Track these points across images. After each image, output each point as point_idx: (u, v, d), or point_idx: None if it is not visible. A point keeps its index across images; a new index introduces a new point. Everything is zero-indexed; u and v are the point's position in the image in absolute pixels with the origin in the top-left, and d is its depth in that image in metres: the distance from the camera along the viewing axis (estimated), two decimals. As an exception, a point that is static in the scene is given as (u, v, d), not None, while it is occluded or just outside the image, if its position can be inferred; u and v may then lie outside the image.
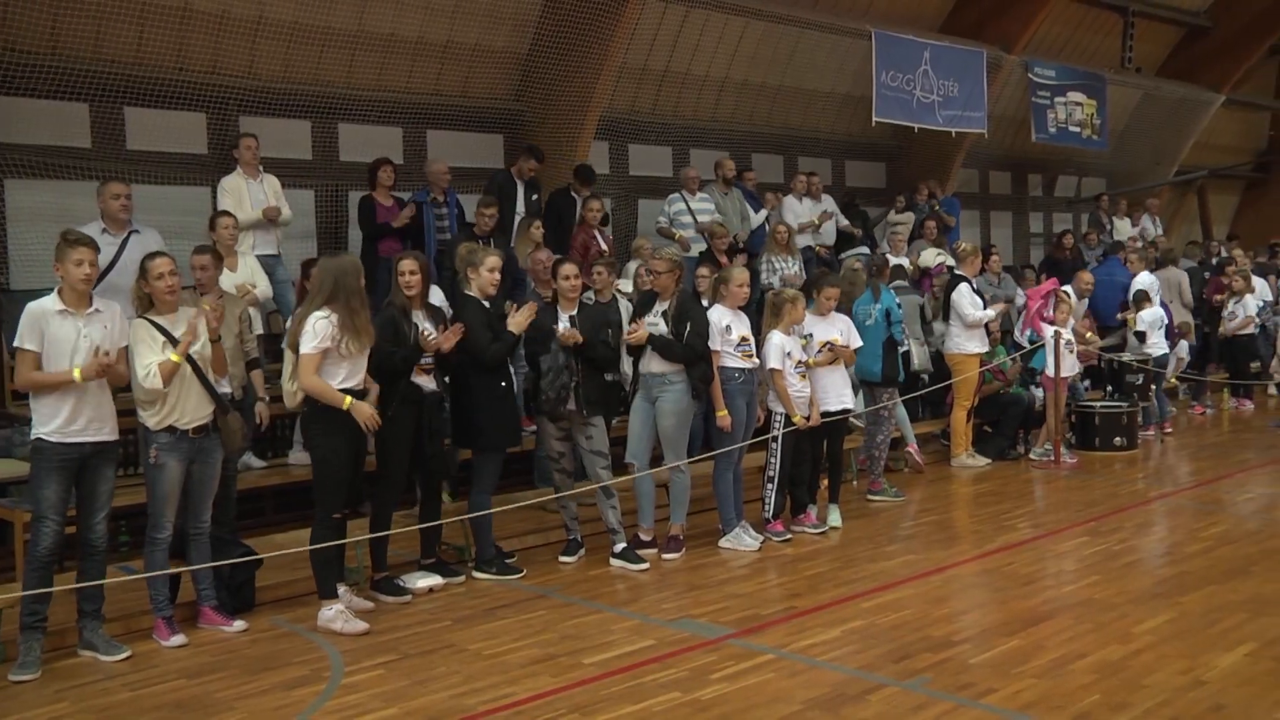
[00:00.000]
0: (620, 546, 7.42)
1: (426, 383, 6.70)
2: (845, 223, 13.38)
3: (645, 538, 7.69)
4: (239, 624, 6.19)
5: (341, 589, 6.37)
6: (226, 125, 9.86)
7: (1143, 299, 13.15)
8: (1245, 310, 13.90)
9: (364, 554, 6.87)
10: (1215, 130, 21.13)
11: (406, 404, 6.57)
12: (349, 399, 6.04)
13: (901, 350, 9.49)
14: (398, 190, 10.15)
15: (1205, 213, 22.72)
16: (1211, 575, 6.86)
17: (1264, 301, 15.09)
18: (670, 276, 7.54)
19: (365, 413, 6.08)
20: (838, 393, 8.30)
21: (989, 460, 10.86)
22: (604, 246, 10.54)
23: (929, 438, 11.78)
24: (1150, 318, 12.98)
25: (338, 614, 6.14)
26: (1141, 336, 13.12)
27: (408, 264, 6.74)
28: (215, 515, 6.25)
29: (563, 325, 7.31)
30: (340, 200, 10.75)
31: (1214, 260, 15.73)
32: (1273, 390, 14.61)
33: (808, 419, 8.01)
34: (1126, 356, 12.42)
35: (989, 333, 10.93)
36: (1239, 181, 24.16)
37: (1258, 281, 15.14)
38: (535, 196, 10.83)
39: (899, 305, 9.53)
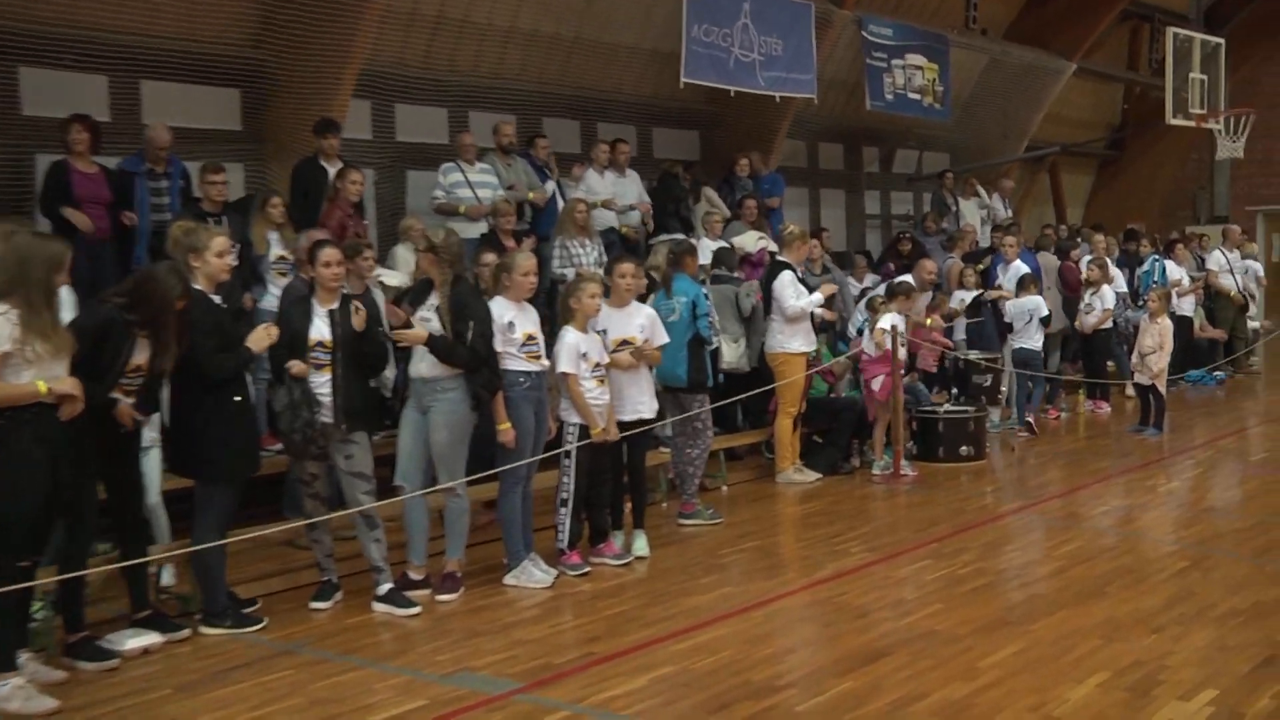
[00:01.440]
0: (385, 588, 7.28)
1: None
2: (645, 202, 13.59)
3: (416, 576, 7.58)
4: None
5: (23, 657, 6.00)
6: None
7: (1029, 283, 13.78)
8: (1103, 303, 14.66)
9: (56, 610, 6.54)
10: (1067, 102, 22.32)
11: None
12: (42, 383, 5.71)
13: (710, 348, 9.63)
14: (105, 153, 9.72)
15: (1058, 194, 23.97)
16: (1064, 598, 7.19)
17: (1116, 294, 15.97)
18: (430, 260, 7.44)
19: (66, 386, 5.77)
20: (634, 401, 8.37)
21: (819, 475, 11.14)
22: (363, 226, 10.39)
23: (749, 451, 12.03)
24: (1021, 308, 13.62)
25: (16, 690, 5.77)
26: (1008, 329, 13.75)
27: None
28: None
29: (316, 328, 7.13)
30: (24, 164, 10.19)
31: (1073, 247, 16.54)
32: (1130, 392, 15.42)
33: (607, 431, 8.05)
34: (974, 355, 12.96)
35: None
36: (1092, 160, 25.58)
37: (1114, 272, 16.04)
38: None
39: (706, 296, 9.67)
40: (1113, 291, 14.88)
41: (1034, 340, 13.64)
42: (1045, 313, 13.73)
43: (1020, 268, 13.99)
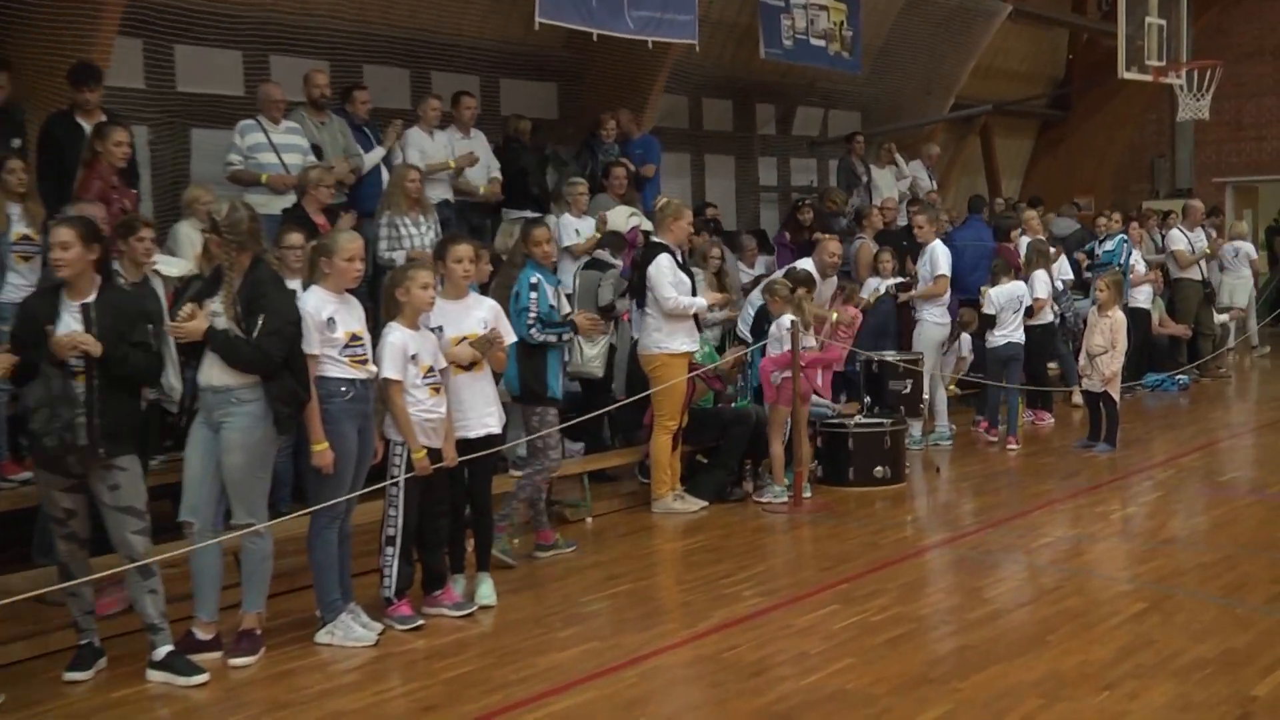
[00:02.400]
0: (164, 650, 7.15)
1: None
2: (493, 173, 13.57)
3: (204, 636, 7.44)
4: None
5: None
6: None
7: (1003, 272, 14.03)
8: (1036, 290, 14.91)
9: None
10: (1001, 52, 22.78)
11: None
12: None
13: (559, 344, 9.60)
14: None
15: (991, 162, 24.42)
16: (998, 650, 7.30)
17: (1061, 282, 16.31)
18: (216, 242, 7.32)
19: None
20: (479, 413, 8.36)
21: (704, 503, 11.20)
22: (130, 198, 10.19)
23: (620, 474, 12.05)
24: (1008, 295, 13.91)
25: None
26: (990, 321, 13.99)
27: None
28: None
29: (65, 325, 6.95)
30: None
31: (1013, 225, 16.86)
32: (1077, 399, 15.76)
33: (445, 456, 8.03)
34: (892, 357, 13.14)
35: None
36: (1032, 121, 26.11)
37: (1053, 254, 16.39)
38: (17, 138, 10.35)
39: (534, 287, 9.46)
40: (1046, 278, 15.07)
41: (1019, 332, 14.04)
42: (1030, 300, 14.22)
43: (938, 250, 14.15)
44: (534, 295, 9.41)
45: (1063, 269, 16.67)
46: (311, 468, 7.58)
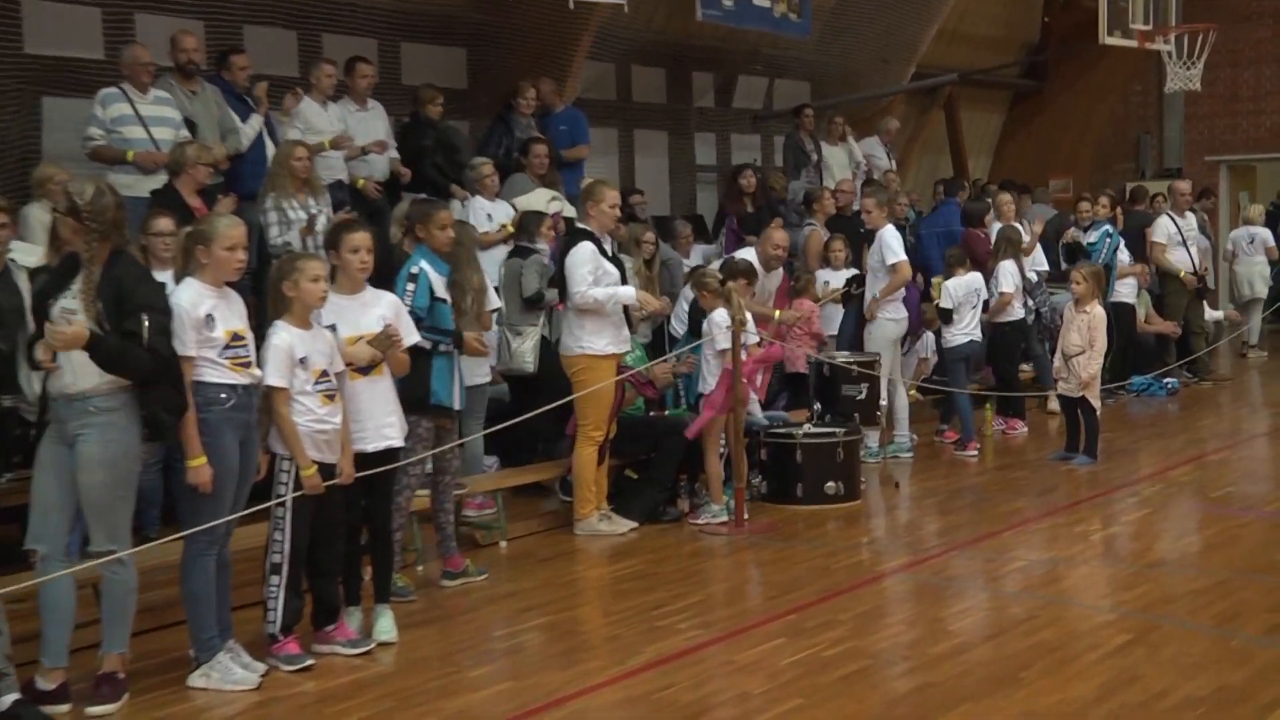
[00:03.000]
0: (9, 699, 7.05)
1: None
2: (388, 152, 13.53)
3: (48, 685, 7.25)
4: None
5: None
6: None
7: (958, 263, 14.13)
8: (1001, 284, 15.03)
9: None
10: (969, 14, 22.92)
11: None
12: None
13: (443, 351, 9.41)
14: None
15: (957, 138, 24.49)
16: (965, 687, 7.35)
17: (1035, 273, 16.38)
18: (73, 227, 7.23)
19: None
20: (379, 423, 8.35)
21: (633, 524, 11.21)
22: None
23: (538, 491, 12.04)
24: (966, 287, 14.06)
25: None
26: (947, 317, 14.09)
27: None
28: None
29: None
30: None
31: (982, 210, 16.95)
32: (1053, 406, 15.87)
33: (336, 470, 8.00)
34: (843, 358, 13.16)
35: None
36: (1002, 93, 26.27)
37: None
38: None
39: (415, 277, 9.22)
40: (1014, 269, 15.19)
41: (976, 329, 14.24)
42: (992, 293, 14.41)
43: (888, 236, 14.11)
44: (411, 288, 9.25)
45: (1037, 259, 16.75)
46: (186, 486, 7.52)
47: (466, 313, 9.90)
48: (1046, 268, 17.05)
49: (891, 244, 13.88)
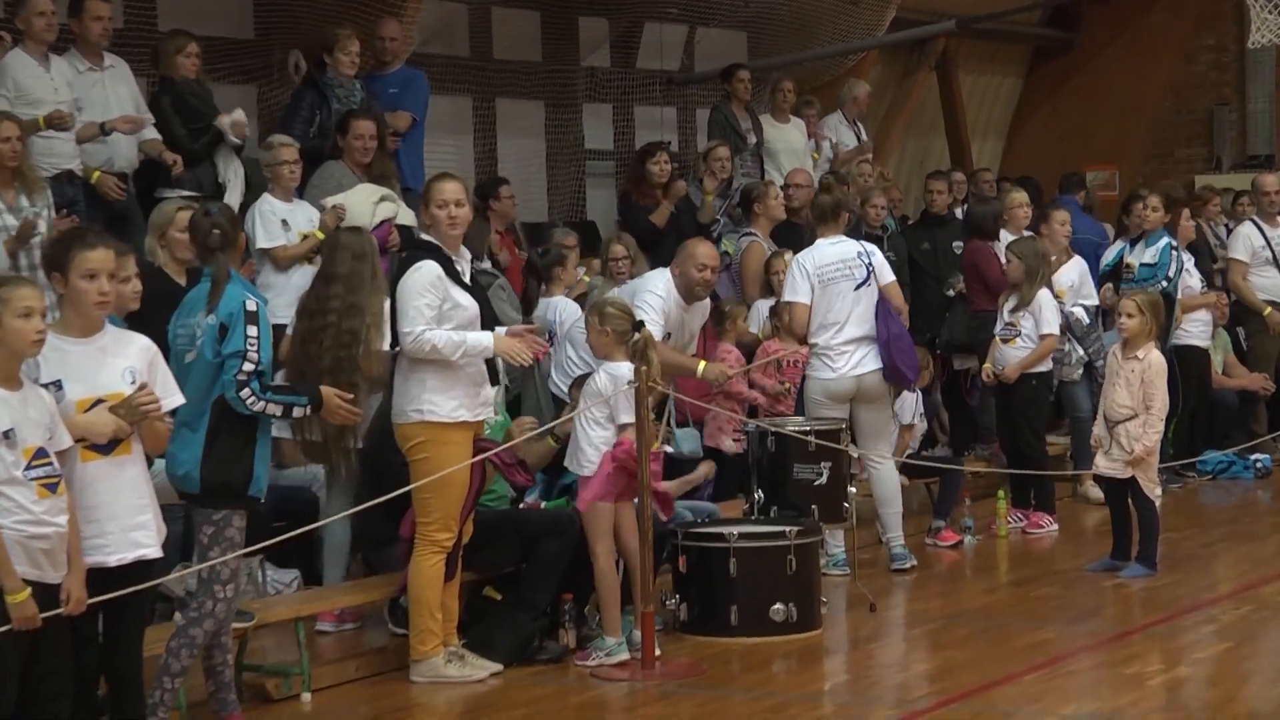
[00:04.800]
0: None
1: None
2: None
3: None
4: None
5: None
6: None
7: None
8: (1043, 322, 15.18)
9: None
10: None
11: None
12: None
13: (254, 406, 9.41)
14: None
15: (955, 112, 24.62)
16: None
17: (1082, 308, 16.37)
18: None
19: None
20: (125, 524, 8.32)
21: (497, 666, 11.13)
22: None
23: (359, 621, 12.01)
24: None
25: None
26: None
27: None
28: None
29: None
30: None
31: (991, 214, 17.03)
32: (1093, 492, 15.93)
33: (61, 594, 7.94)
34: (797, 426, 13.15)
35: None
36: (1018, 49, 26.43)
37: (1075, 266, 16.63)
38: None
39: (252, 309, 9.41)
40: (1053, 301, 15.34)
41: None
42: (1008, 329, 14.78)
43: (846, 250, 14.09)
44: (254, 334, 9.25)
45: (1085, 290, 16.75)
46: None
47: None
48: (1095, 301, 16.93)
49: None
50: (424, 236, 11.21)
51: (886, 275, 14.14)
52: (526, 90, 19.33)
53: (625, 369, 11.41)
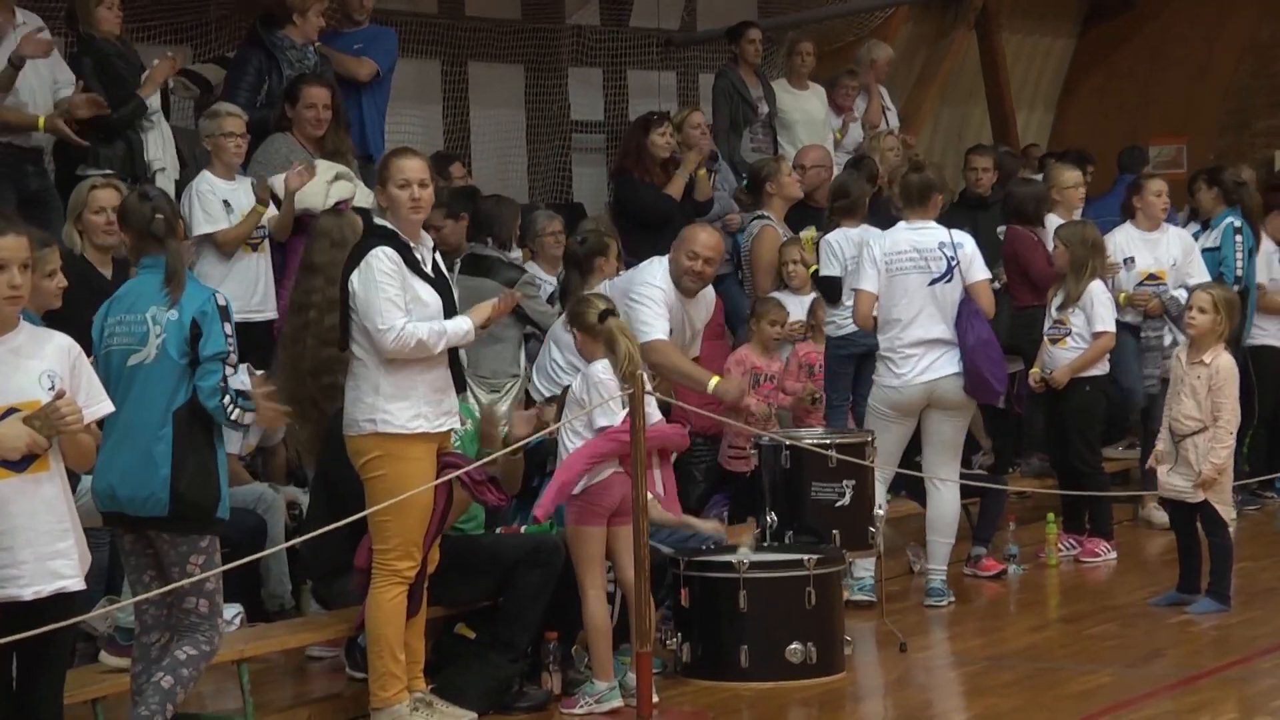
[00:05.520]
0: None
1: None
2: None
3: None
4: None
5: None
6: None
7: (845, 214, 14.36)
8: (1096, 319, 15.23)
9: None
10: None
11: None
12: None
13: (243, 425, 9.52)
14: None
15: (998, 79, 24.65)
16: None
17: (1177, 293, 16.21)
18: None
19: None
20: (41, 552, 8.28)
21: (470, 715, 11.12)
22: None
23: (310, 662, 12.03)
24: (851, 244, 14.59)
25: None
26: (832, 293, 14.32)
27: None
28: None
29: None
30: None
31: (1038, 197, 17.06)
32: (1156, 515, 15.95)
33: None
34: (815, 439, 13.16)
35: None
36: (1070, 3, 26.44)
37: (1146, 238, 16.62)
38: None
39: (220, 309, 9.50)
40: (1106, 295, 15.43)
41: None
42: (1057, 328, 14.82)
43: (925, 238, 14.12)
44: (229, 331, 9.41)
45: (1190, 264, 16.81)
46: None
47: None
48: (1186, 291, 16.78)
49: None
50: (379, 221, 11.05)
51: (977, 273, 14.13)
52: (503, 52, 19.37)
53: (598, 367, 11.44)
